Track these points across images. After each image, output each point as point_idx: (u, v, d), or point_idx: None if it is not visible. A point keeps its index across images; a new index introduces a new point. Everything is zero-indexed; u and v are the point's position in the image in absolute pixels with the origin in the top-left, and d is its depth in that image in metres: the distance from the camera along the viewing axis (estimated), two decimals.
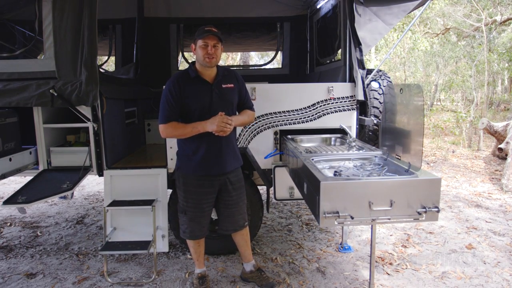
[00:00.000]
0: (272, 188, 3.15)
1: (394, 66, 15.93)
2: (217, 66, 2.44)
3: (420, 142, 2.07)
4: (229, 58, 16.53)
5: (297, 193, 3.09)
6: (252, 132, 3.06)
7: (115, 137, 3.29)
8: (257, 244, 3.51)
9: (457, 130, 9.82)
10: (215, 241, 3.14)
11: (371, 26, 3.44)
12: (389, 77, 3.35)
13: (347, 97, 3.11)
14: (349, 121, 3.12)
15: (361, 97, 3.03)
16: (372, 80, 3.17)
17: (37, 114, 2.99)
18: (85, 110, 2.93)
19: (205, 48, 2.28)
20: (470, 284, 2.80)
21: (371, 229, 2.49)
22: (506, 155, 6.14)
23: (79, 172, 2.96)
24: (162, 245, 3.03)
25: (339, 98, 3.11)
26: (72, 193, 4.64)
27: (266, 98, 3.03)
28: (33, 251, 3.45)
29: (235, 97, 2.49)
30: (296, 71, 4.96)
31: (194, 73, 2.39)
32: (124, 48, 4.71)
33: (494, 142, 7.59)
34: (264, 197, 3.40)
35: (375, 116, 3.11)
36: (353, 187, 1.82)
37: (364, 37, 3.34)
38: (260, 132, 3.07)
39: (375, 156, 2.43)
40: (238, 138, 2.98)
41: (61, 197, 4.55)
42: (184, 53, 5.18)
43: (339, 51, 3.57)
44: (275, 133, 3.09)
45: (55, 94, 2.75)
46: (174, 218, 3.16)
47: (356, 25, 3.15)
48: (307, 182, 2.08)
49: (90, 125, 2.97)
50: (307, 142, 3.06)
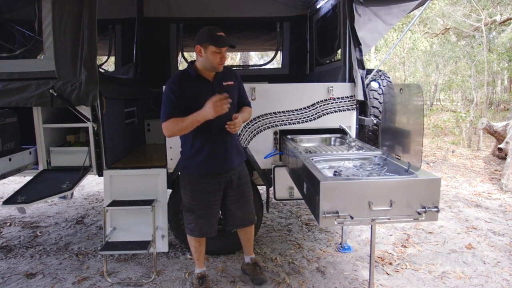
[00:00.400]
0: (272, 188, 3.15)
1: (394, 66, 15.94)
2: None
3: (419, 142, 2.07)
4: (228, 58, 16.53)
5: (296, 193, 3.09)
6: (251, 132, 3.06)
7: (115, 137, 3.29)
8: (257, 244, 3.51)
9: (456, 130, 9.83)
10: (214, 241, 3.14)
11: (371, 26, 3.45)
12: (389, 77, 3.35)
13: (347, 97, 3.11)
14: (348, 121, 3.12)
15: (360, 97, 3.03)
16: (371, 80, 3.18)
17: (37, 114, 2.98)
18: (85, 110, 2.93)
19: (218, 54, 2.30)
20: (469, 284, 2.80)
21: (371, 229, 2.50)
22: (506, 155, 6.15)
23: (78, 172, 2.96)
24: (161, 245, 3.03)
25: (338, 98, 3.11)
26: (72, 193, 4.63)
27: (266, 98, 3.03)
28: (32, 251, 3.45)
29: (236, 94, 2.51)
30: (295, 71, 4.96)
31: (195, 72, 2.39)
32: (124, 48, 4.71)
33: (494, 142, 7.60)
34: (264, 197, 3.40)
35: (375, 116, 3.11)
36: (352, 187, 1.82)
37: (364, 37, 3.34)
38: (260, 132, 3.07)
39: (375, 156, 2.42)
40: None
41: (60, 197, 4.55)
42: (184, 53, 5.18)
43: (339, 51, 3.57)
44: (275, 133, 3.09)
45: (55, 94, 2.75)
46: (174, 218, 3.17)
47: (356, 25, 3.15)
48: (307, 182, 2.08)
49: (89, 125, 2.97)
50: (306, 142, 3.06)
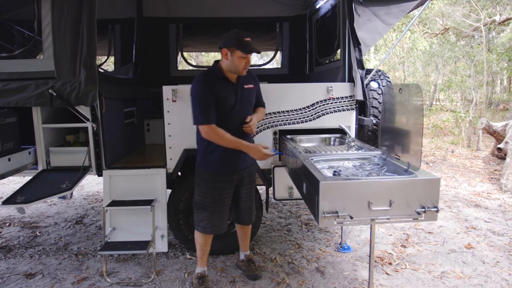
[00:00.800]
0: (272, 188, 3.15)
1: (393, 66, 15.96)
2: None
3: (419, 142, 2.07)
4: None
5: (296, 193, 3.09)
6: None
7: (114, 137, 3.29)
8: (256, 244, 3.51)
9: (456, 130, 9.84)
10: (214, 241, 3.12)
11: (370, 26, 3.44)
12: (388, 77, 3.35)
13: (346, 97, 3.11)
14: (348, 121, 3.12)
15: (360, 97, 3.03)
16: (371, 80, 3.18)
17: (36, 114, 2.98)
18: (84, 110, 2.93)
19: (244, 59, 2.34)
20: (469, 284, 2.80)
21: (370, 229, 2.50)
22: (505, 155, 6.16)
23: (78, 172, 2.96)
24: (161, 245, 3.03)
25: (338, 98, 3.11)
26: (71, 193, 4.64)
27: (265, 98, 3.01)
28: (32, 251, 3.45)
29: (254, 96, 2.60)
30: (295, 71, 4.96)
31: (221, 73, 2.43)
32: (123, 48, 4.70)
33: (493, 142, 7.61)
34: (263, 197, 3.40)
35: (374, 116, 3.11)
36: (352, 187, 1.82)
37: (363, 37, 3.34)
38: (260, 132, 3.07)
39: (374, 156, 2.43)
40: None
41: (60, 197, 4.55)
42: (184, 53, 5.18)
43: (338, 51, 3.57)
44: (275, 133, 3.09)
45: (54, 94, 2.75)
46: (173, 218, 3.17)
47: (355, 25, 3.15)
48: (306, 182, 2.08)
49: (89, 125, 2.97)
50: (306, 142, 3.06)
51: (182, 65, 5.30)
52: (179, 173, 3.19)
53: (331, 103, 3.11)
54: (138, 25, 4.49)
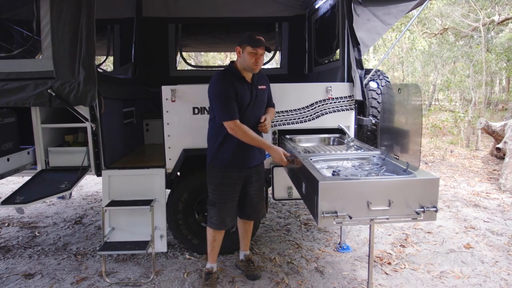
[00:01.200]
0: (271, 188, 3.15)
1: (392, 66, 15.97)
2: None
3: (418, 142, 2.07)
4: (227, 58, 16.52)
5: (295, 193, 3.09)
6: None
7: (113, 137, 3.29)
8: (256, 244, 3.51)
9: (455, 130, 9.85)
10: None
11: (369, 26, 3.45)
12: (387, 77, 3.35)
13: (346, 97, 3.11)
14: (347, 121, 3.12)
15: (359, 97, 3.03)
16: (370, 80, 3.18)
17: (35, 114, 2.98)
18: (83, 110, 2.93)
19: (254, 56, 2.42)
20: (468, 284, 2.80)
21: (370, 228, 2.50)
22: (504, 154, 6.17)
23: (77, 172, 2.96)
24: (160, 245, 3.02)
25: (337, 98, 3.11)
26: (70, 193, 4.63)
27: None
28: (31, 251, 3.45)
29: (266, 97, 2.68)
30: (294, 71, 4.96)
31: (238, 73, 2.51)
32: (122, 48, 4.70)
33: (492, 141, 7.62)
34: None
35: (373, 116, 3.12)
36: (351, 187, 1.82)
37: (363, 37, 3.34)
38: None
39: (374, 156, 2.43)
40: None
41: (59, 197, 4.54)
42: (183, 53, 5.18)
43: (338, 51, 3.57)
44: (274, 133, 3.09)
45: (53, 94, 2.75)
46: (173, 218, 3.17)
47: (354, 25, 3.15)
48: (306, 182, 2.08)
49: (88, 125, 2.96)
50: (305, 142, 3.06)
51: (181, 65, 5.30)
52: (178, 173, 3.19)
53: (330, 103, 3.11)
54: (137, 25, 4.49)
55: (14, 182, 5.80)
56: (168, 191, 3.21)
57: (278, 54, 5.18)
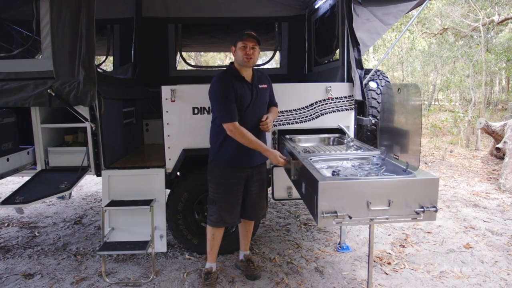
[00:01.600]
0: (270, 188, 3.15)
1: (392, 66, 15.97)
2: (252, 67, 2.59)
3: (418, 142, 2.07)
4: (227, 58, 16.52)
5: (295, 193, 3.09)
6: None
7: (113, 137, 3.29)
8: (256, 244, 3.51)
9: (455, 130, 9.86)
10: None
11: (369, 26, 3.45)
12: (387, 77, 3.35)
13: (345, 97, 3.12)
14: (347, 121, 3.12)
15: (359, 97, 3.03)
16: (370, 80, 3.18)
17: (35, 114, 2.98)
18: (83, 110, 2.93)
19: (244, 49, 2.46)
20: (468, 284, 2.80)
21: (369, 228, 2.50)
22: (504, 154, 6.17)
23: (77, 172, 2.95)
24: (160, 245, 3.02)
25: (337, 98, 3.11)
26: (70, 193, 4.63)
27: None
28: (31, 251, 3.44)
29: (267, 95, 2.69)
30: (294, 71, 4.96)
31: (237, 73, 2.53)
32: (122, 48, 4.70)
33: (492, 141, 7.62)
34: None
35: (373, 116, 3.12)
36: (351, 187, 1.82)
37: (362, 37, 3.35)
38: None
39: (373, 156, 2.43)
40: None
41: (59, 197, 4.55)
42: (182, 53, 5.18)
43: (337, 51, 3.57)
44: (274, 133, 3.09)
45: (53, 94, 2.75)
46: (172, 218, 3.17)
47: (354, 25, 3.15)
48: (305, 182, 2.08)
49: (88, 125, 2.96)
50: (305, 142, 3.06)
51: (181, 65, 5.30)
52: (178, 173, 3.19)
53: (330, 103, 3.11)
54: (137, 25, 4.49)
55: (14, 182, 5.80)
56: (168, 191, 3.21)
57: (278, 54, 5.18)
